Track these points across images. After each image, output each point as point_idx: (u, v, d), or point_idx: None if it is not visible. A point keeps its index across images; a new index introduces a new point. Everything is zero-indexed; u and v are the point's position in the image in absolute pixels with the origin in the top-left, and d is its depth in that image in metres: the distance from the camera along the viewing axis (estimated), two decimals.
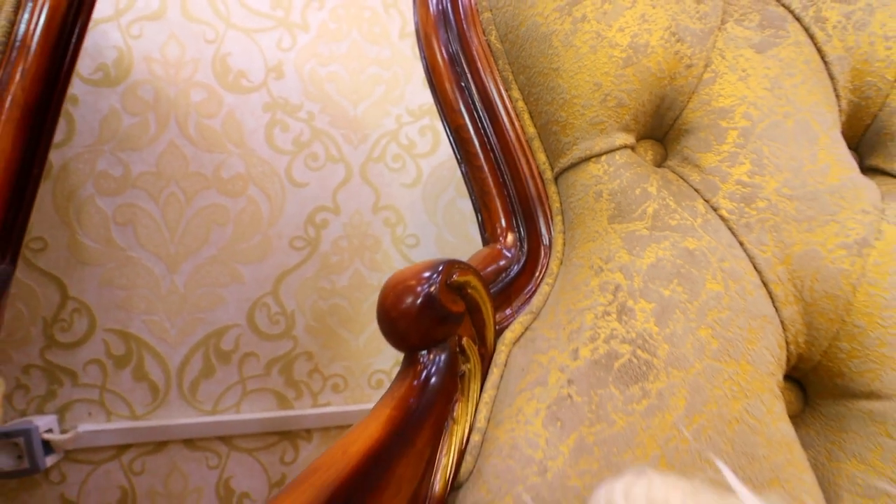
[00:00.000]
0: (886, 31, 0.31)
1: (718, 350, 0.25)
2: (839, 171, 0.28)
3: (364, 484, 0.19)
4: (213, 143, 0.70)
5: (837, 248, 0.27)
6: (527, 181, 0.34)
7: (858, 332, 0.26)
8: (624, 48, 0.29)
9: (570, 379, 0.25)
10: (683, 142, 0.30)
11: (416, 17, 0.39)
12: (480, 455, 0.26)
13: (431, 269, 0.27)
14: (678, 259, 0.27)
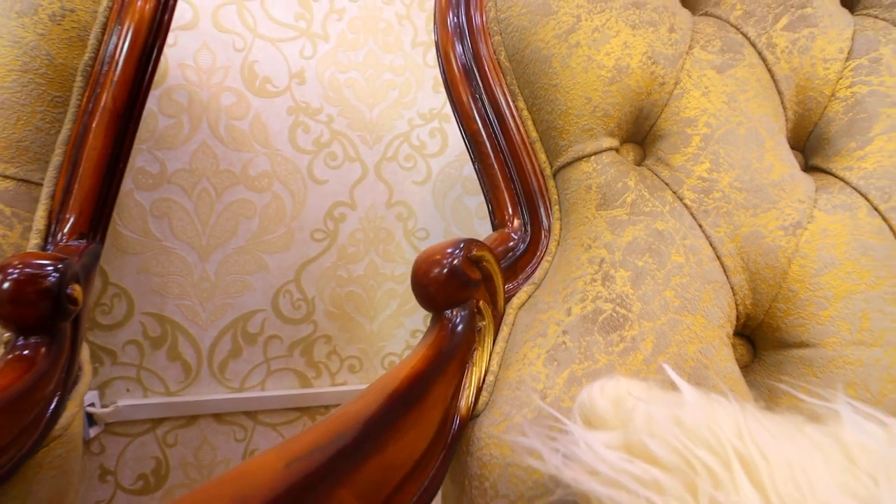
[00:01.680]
0: (825, 55, 0.39)
1: (679, 307, 0.32)
2: (781, 169, 0.36)
3: (412, 395, 0.26)
4: (242, 143, 0.77)
5: (777, 230, 0.34)
6: (530, 177, 0.42)
7: (792, 295, 0.33)
8: (610, 69, 0.37)
9: (565, 330, 0.33)
10: (657, 145, 0.38)
11: (437, 34, 0.46)
12: (494, 391, 0.33)
13: (455, 246, 0.34)
14: (650, 238, 0.34)
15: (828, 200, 0.35)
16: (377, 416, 0.21)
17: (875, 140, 0.36)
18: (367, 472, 0.19)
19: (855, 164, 0.36)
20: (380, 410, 0.22)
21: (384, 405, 0.23)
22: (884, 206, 0.35)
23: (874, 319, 0.32)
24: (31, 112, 0.40)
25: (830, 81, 0.39)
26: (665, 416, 0.20)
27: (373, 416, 0.21)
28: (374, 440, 0.21)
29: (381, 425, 0.22)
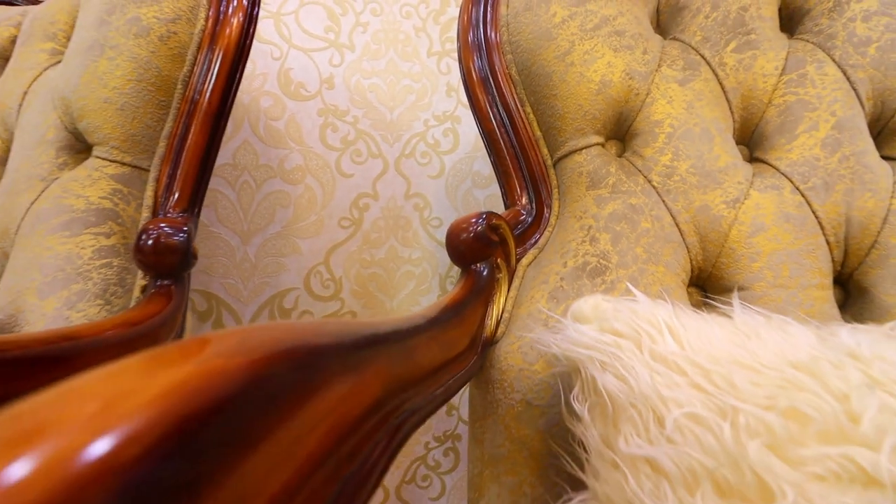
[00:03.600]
0: (764, 72, 0.51)
1: (647, 259, 0.44)
2: (726, 159, 0.48)
3: (456, 309, 0.38)
4: (278, 140, 0.89)
5: (721, 204, 0.46)
6: (535, 166, 0.54)
7: (732, 252, 0.46)
8: (597, 83, 0.49)
9: (562, 277, 0.45)
10: (633, 141, 0.50)
11: (459, 48, 0.58)
12: (509, 323, 0.45)
13: (479, 217, 0.46)
14: (626, 210, 0.47)
15: (761, 182, 0.48)
16: (438, 314, 0.34)
17: (799, 137, 0.49)
18: (436, 342, 0.31)
19: (784, 156, 0.49)
20: (439, 312, 0.34)
21: (442, 310, 0.35)
22: (803, 186, 0.47)
23: (792, 269, 0.45)
24: (143, 113, 0.52)
25: (768, 92, 0.51)
26: (625, 308, 0.32)
27: (436, 314, 0.33)
28: (437, 325, 0.33)
29: (439, 319, 0.34)
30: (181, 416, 0.12)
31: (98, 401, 0.12)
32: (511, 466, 0.40)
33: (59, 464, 0.11)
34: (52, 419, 0.12)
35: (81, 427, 0.12)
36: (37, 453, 0.11)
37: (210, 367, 0.14)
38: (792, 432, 0.24)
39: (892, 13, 0.52)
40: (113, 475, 0.11)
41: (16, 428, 0.12)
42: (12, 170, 0.54)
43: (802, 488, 0.22)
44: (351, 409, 0.17)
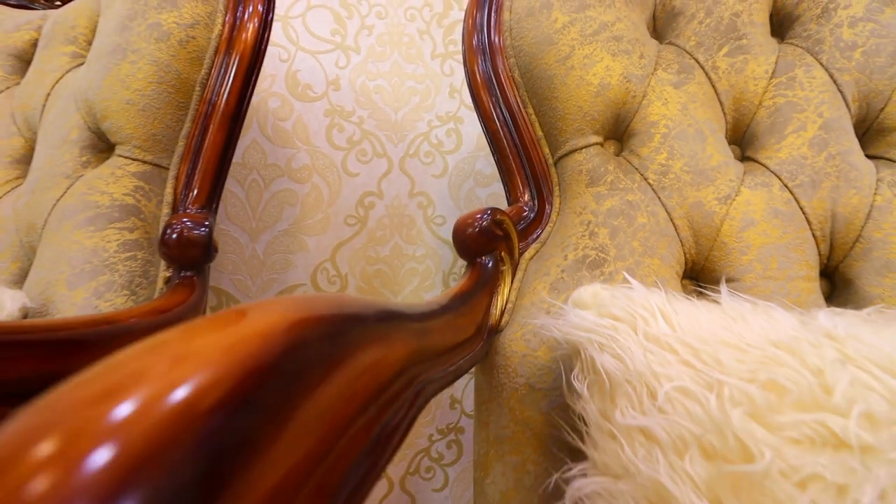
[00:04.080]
0: (755, 75, 0.54)
1: (643, 252, 0.47)
2: (718, 158, 0.51)
3: (463, 298, 0.41)
4: (286, 140, 0.92)
5: (713, 200, 0.49)
6: (537, 165, 0.57)
7: (723, 246, 0.48)
8: (595, 86, 0.52)
9: (563, 269, 0.48)
10: (630, 141, 0.53)
11: (464, 51, 0.61)
12: (513, 313, 0.48)
13: (484, 212, 0.49)
14: (623, 206, 0.49)
15: (752, 180, 0.51)
16: (448, 302, 0.36)
17: (788, 137, 0.52)
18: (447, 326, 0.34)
19: (773, 155, 0.52)
20: (449, 301, 0.37)
21: (451, 299, 0.37)
22: (791, 183, 0.50)
23: (780, 261, 0.47)
24: (163, 114, 0.55)
25: (758, 94, 0.54)
26: (621, 295, 0.35)
27: (447, 302, 0.36)
28: (448, 312, 0.35)
29: (449, 307, 0.36)
30: (241, 372, 0.15)
31: (168, 358, 0.15)
32: (515, 446, 0.43)
33: (154, 405, 0.13)
34: (138, 372, 0.15)
35: (163, 378, 0.14)
36: (134, 398, 0.13)
37: (256, 331, 0.16)
38: (771, 402, 0.26)
39: (876, 19, 0.54)
40: (193, 421, 0.13)
41: (110, 379, 0.14)
42: (37, 168, 0.56)
43: (780, 451, 0.25)
44: (380, 372, 0.20)
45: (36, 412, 0.14)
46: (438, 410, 0.98)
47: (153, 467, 0.12)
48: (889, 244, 0.47)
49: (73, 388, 0.14)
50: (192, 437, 0.13)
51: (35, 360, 0.27)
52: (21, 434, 0.13)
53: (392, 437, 0.21)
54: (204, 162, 0.54)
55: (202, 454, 0.13)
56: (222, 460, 0.13)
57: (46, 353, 0.28)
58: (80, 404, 0.13)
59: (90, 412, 0.13)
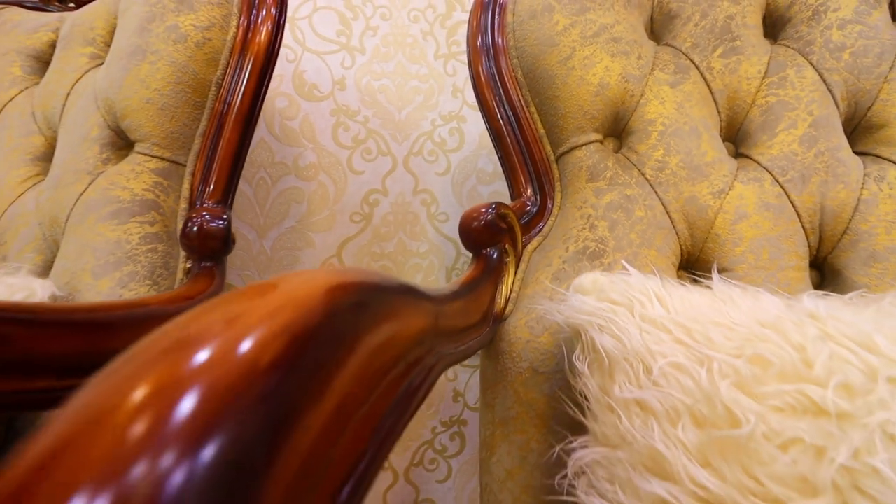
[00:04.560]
0: (748, 75, 0.57)
1: (640, 243, 0.50)
2: (713, 154, 0.53)
3: (470, 287, 0.44)
4: (293, 139, 0.94)
5: (708, 194, 0.52)
6: (539, 161, 0.59)
7: (717, 238, 0.51)
8: (595, 86, 0.54)
9: (564, 260, 0.50)
10: (629, 138, 0.56)
11: (468, 51, 0.64)
12: (517, 302, 0.50)
13: (489, 207, 0.52)
14: (622, 200, 0.52)
15: (745, 175, 0.53)
16: (457, 289, 0.39)
17: (779, 134, 0.54)
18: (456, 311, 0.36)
19: (765, 151, 0.54)
20: (458, 288, 0.39)
21: (460, 286, 0.40)
22: (782, 178, 0.52)
23: (771, 252, 0.50)
24: (180, 112, 0.57)
25: (751, 93, 0.56)
26: (620, 281, 0.37)
27: (456, 289, 0.39)
28: (458, 298, 0.38)
29: (458, 294, 0.39)
30: (289, 335, 0.17)
31: (222, 319, 0.17)
32: (520, 426, 0.45)
33: (222, 361, 0.16)
34: (200, 331, 0.17)
35: (223, 335, 0.16)
36: (204, 351, 0.16)
37: (297, 296, 0.18)
38: (756, 374, 0.29)
39: (864, 21, 0.57)
40: (256, 377, 0.16)
41: (179, 335, 0.17)
42: (59, 164, 0.59)
43: (764, 417, 0.27)
44: (404, 338, 0.22)
45: (121, 367, 0.16)
46: (442, 403, 1.00)
47: (230, 416, 0.14)
48: (875, 236, 0.50)
49: (148, 344, 0.17)
50: (258, 391, 0.15)
51: (78, 338, 0.30)
52: (113, 387, 0.15)
53: (414, 395, 0.23)
54: (220, 159, 0.57)
55: (268, 404, 0.15)
56: (282, 411, 0.16)
57: (87, 331, 0.31)
58: (160, 356, 0.16)
59: (169, 364, 0.15)
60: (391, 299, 0.22)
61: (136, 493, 0.12)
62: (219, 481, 0.13)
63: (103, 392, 0.15)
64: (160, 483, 0.12)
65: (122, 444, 0.13)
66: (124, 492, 0.12)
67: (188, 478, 0.12)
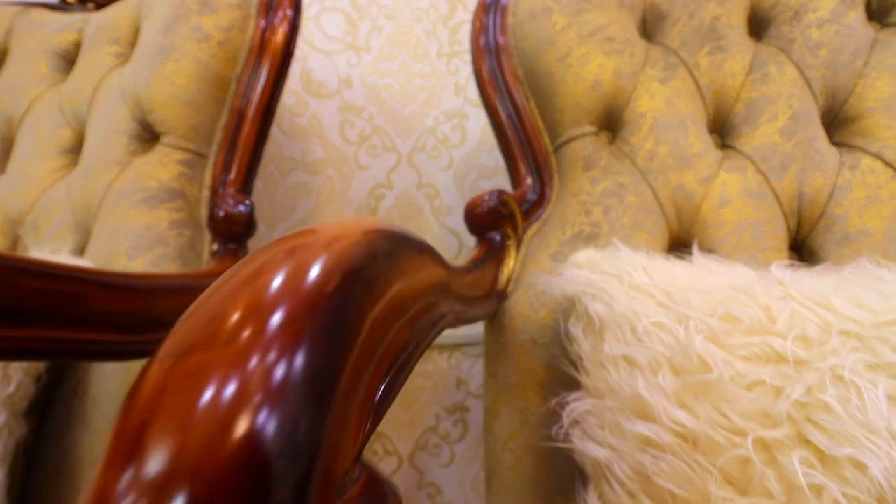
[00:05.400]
0: (733, 72, 0.62)
1: (632, 227, 0.54)
2: (699, 145, 0.58)
3: (476, 265, 0.48)
4: (301, 135, 0.99)
5: (694, 182, 0.57)
6: (539, 153, 0.64)
7: (703, 221, 0.56)
8: (591, 82, 0.59)
9: (562, 243, 0.55)
10: (622, 130, 0.60)
11: (472, 50, 0.68)
12: (518, 280, 0.55)
13: (491, 194, 0.56)
14: (615, 187, 0.57)
15: (729, 164, 0.58)
16: (464, 265, 0.44)
17: (761, 126, 0.59)
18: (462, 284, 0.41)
19: (748, 142, 0.59)
20: (466, 265, 0.44)
21: (467, 263, 0.45)
22: (764, 167, 0.57)
23: (752, 235, 0.55)
24: (203, 107, 0.62)
25: (736, 89, 0.61)
26: (611, 256, 0.42)
27: (463, 266, 0.43)
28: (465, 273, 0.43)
29: (464, 269, 0.44)
30: (342, 266, 0.22)
31: (283, 252, 0.22)
32: (521, 392, 0.50)
33: (297, 283, 0.20)
34: (269, 262, 0.21)
35: (291, 263, 0.21)
36: (278, 277, 0.20)
37: (339, 234, 0.23)
38: (727, 329, 0.34)
39: (841, 21, 0.62)
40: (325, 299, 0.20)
41: (252, 269, 0.21)
42: (89, 155, 0.64)
43: (732, 364, 0.32)
44: (423, 284, 0.27)
45: (215, 295, 0.21)
46: (445, 391, 1.05)
47: (312, 326, 0.19)
48: (848, 219, 0.55)
49: (229, 277, 0.22)
50: (327, 308, 0.19)
51: (135, 300, 0.35)
52: (216, 307, 0.20)
53: (425, 338, 0.28)
54: (240, 151, 0.62)
55: (335, 318, 0.20)
56: (343, 323, 0.20)
57: (142, 295, 0.36)
58: (244, 283, 0.20)
59: (255, 288, 0.20)
60: (414, 250, 0.26)
61: (253, 378, 0.16)
62: (310, 372, 0.17)
63: (207, 313, 0.20)
64: (271, 371, 0.16)
65: (236, 346, 0.17)
66: (245, 377, 0.16)
67: (289, 369, 0.17)
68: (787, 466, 0.28)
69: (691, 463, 0.30)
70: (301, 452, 0.14)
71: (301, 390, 0.15)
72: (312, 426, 0.15)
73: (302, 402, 0.15)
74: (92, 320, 0.32)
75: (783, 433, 0.29)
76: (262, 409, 0.14)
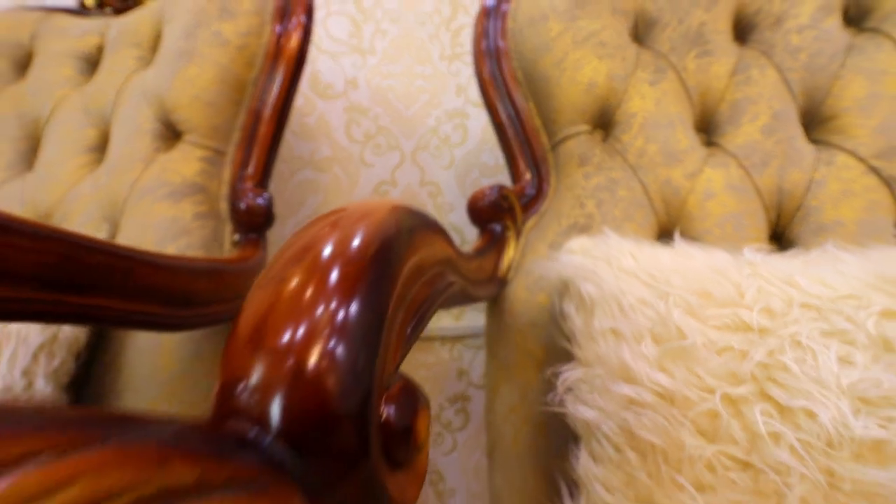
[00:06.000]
0: (718, 74, 0.67)
1: (623, 218, 0.59)
2: (686, 143, 0.63)
3: (480, 253, 0.53)
4: (309, 135, 1.04)
5: (681, 177, 0.62)
6: (537, 150, 0.69)
7: (689, 213, 0.61)
8: (585, 84, 0.64)
9: (558, 233, 0.60)
10: (614, 129, 0.66)
11: (474, 53, 0.73)
12: (518, 268, 0.60)
13: (492, 189, 0.61)
14: (607, 182, 0.62)
15: (714, 160, 0.63)
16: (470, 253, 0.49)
17: (744, 125, 0.64)
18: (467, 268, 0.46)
19: (732, 140, 0.64)
20: (471, 252, 0.49)
21: (471, 251, 0.50)
22: (746, 163, 0.62)
23: (735, 226, 0.60)
24: (223, 108, 0.67)
25: (720, 91, 0.66)
26: (601, 242, 0.47)
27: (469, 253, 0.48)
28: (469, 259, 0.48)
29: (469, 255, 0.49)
30: (376, 237, 0.27)
31: (329, 224, 0.26)
32: (520, 370, 0.55)
33: (345, 249, 0.25)
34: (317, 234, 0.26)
35: (336, 234, 0.26)
36: (328, 246, 0.25)
37: (371, 210, 0.28)
38: (702, 303, 0.39)
39: (819, 27, 0.67)
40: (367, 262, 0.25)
41: (304, 242, 0.26)
42: (114, 153, 0.68)
43: (706, 333, 0.37)
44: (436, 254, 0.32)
45: (281, 261, 0.25)
46: (447, 381, 1.10)
47: (362, 283, 0.23)
48: (824, 211, 0.60)
49: (286, 248, 0.26)
50: (371, 269, 0.24)
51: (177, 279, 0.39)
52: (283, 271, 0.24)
53: (438, 296, 0.33)
54: (257, 149, 0.67)
55: (377, 275, 0.24)
56: (383, 280, 0.25)
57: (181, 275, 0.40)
58: (299, 253, 0.25)
59: (311, 256, 0.25)
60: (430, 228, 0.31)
61: (320, 323, 0.21)
62: (364, 316, 0.22)
63: (276, 277, 0.24)
64: (334, 317, 0.21)
65: (303, 300, 0.22)
66: (313, 323, 0.21)
67: (347, 314, 0.22)
68: (750, 417, 0.33)
69: (668, 417, 0.35)
70: (362, 371, 0.19)
71: (359, 329, 0.20)
72: (368, 354, 0.20)
73: (360, 336, 0.20)
74: (139, 293, 0.37)
75: (747, 390, 0.34)
76: (333, 341, 0.19)
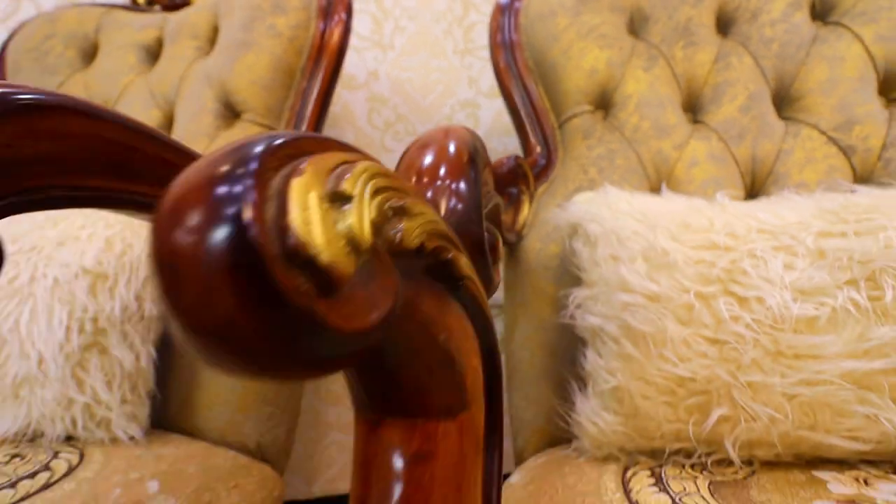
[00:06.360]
0: (702, 62, 0.78)
1: (620, 183, 0.71)
2: (674, 120, 0.75)
3: (506, 209, 0.65)
4: (334, 122, 1.15)
5: (670, 148, 0.73)
6: (546, 128, 0.81)
7: (676, 178, 0.72)
8: (588, 71, 0.76)
9: (564, 196, 0.72)
10: (613, 108, 0.77)
11: (491, 45, 0.85)
12: (531, 225, 0.72)
13: (510, 158, 0.73)
14: (607, 153, 0.73)
15: (698, 134, 0.75)
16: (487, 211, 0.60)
17: (724, 105, 0.76)
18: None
19: (714, 118, 0.76)
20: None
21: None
22: (725, 136, 0.74)
23: (715, 189, 0.71)
24: (276, 91, 0.78)
25: (704, 76, 0.78)
26: (602, 193, 0.59)
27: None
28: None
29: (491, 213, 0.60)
30: (468, 148, 0.38)
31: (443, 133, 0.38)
32: (536, 306, 0.66)
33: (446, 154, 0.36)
34: (430, 139, 0.38)
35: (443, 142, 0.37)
36: (430, 151, 0.36)
37: (452, 129, 0.39)
38: (682, 231, 0.50)
39: (789, 21, 0.79)
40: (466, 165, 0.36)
41: (411, 154, 0.38)
42: (180, 130, 0.80)
43: (684, 252, 0.49)
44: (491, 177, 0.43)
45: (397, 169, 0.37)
46: None
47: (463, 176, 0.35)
48: (790, 175, 0.71)
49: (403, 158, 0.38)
50: (469, 168, 0.36)
51: None
52: (403, 173, 0.36)
53: (492, 197, 0.44)
54: (305, 126, 0.78)
55: (472, 173, 0.36)
56: (475, 178, 0.36)
57: None
58: (417, 153, 0.37)
59: (421, 155, 0.36)
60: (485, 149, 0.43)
61: (444, 195, 0.32)
62: (469, 197, 0.33)
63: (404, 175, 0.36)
64: (450, 193, 0.32)
65: (425, 185, 0.34)
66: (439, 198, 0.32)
67: (458, 193, 0.33)
68: (716, 307, 0.45)
69: (656, 312, 0.46)
70: (474, 220, 0.31)
71: (469, 203, 0.32)
72: (477, 218, 0.32)
73: (472, 207, 0.32)
74: None
75: (715, 288, 0.46)
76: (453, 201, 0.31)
